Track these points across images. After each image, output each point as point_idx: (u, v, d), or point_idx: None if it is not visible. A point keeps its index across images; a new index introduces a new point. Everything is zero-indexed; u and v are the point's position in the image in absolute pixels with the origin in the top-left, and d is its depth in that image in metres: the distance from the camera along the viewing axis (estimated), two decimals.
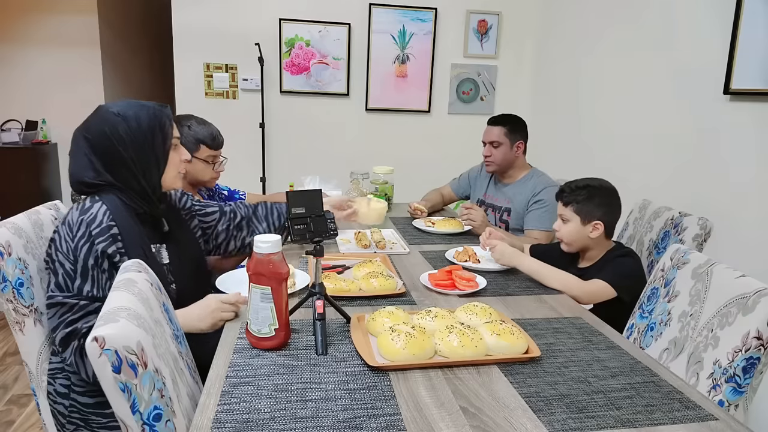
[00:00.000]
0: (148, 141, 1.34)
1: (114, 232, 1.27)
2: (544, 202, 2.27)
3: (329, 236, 1.31)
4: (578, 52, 3.25)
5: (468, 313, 1.30)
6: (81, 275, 1.23)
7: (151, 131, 1.34)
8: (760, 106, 1.99)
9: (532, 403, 1.01)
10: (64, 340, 1.21)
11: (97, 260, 1.24)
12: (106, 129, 1.30)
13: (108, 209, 1.28)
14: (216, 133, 1.97)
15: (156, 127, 1.35)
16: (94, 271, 1.24)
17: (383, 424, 0.93)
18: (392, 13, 3.67)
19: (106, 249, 1.25)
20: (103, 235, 1.25)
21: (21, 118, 3.88)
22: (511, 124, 2.37)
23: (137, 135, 1.32)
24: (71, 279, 1.22)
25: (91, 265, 1.23)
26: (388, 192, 2.66)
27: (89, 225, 1.25)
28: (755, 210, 1.99)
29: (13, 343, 2.79)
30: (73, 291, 1.22)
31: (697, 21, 2.31)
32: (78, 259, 1.23)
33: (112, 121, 1.31)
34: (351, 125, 3.81)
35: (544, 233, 2.24)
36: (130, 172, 1.33)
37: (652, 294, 1.56)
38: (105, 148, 1.31)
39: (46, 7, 3.82)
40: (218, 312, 1.31)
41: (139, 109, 1.34)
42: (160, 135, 1.36)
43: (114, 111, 1.32)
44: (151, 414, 0.89)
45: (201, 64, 3.57)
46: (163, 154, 1.38)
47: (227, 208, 1.70)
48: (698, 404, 1.03)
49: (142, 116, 1.34)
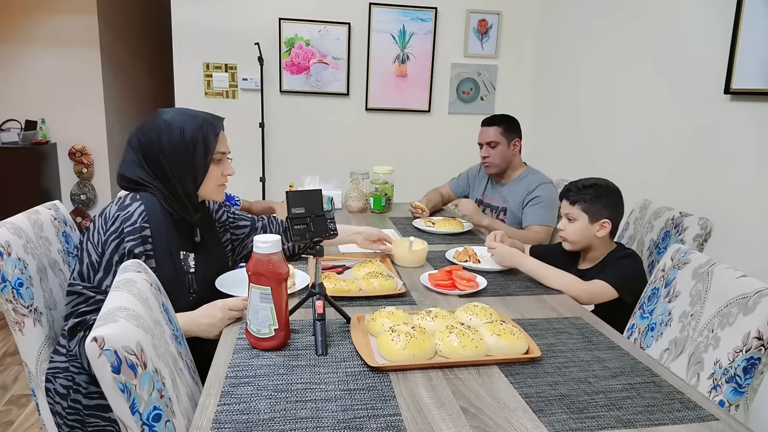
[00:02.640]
0: (188, 152, 1.35)
1: (146, 233, 1.29)
2: (541, 197, 2.28)
3: (329, 236, 1.31)
4: (578, 52, 3.25)
5: (468, 314, 1.30)
6: (104, 269, 1.25)
7: (193, 143, 1.36)
8: (760, 106, 1.99)
9: (532, 404, 1.01)
10: (72, 328, 1.24)
11: (123, 258, 1.26)
12: (153, 135, 1.34)
13: (145, 210, 1.30)
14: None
15: (199, 139, 1.36)
16: (118, 268, 1.25)
17: (383, 424, 0.93)
18: (392, 12, 3.67)
19: (134, 248, 1.27)
20: (134, 234, 1.27)
21: (20, 118, 3.88)
22: (506, 123, 2.38)
23: (178, 145, 1.35)
24: (94, 270, 1.25)
25: (116, 261, 1.25)
26: (388, 192, 2.66)
27: (123, 222, 1.27)
28: (756, 210, 1.99)
29: (12, 343, 2.79)
30: (93, 283, 1.25)
31: (697, 21, 2.31)
32: (105, 253, 1.25)
33: (160, 127, 1.35)
34: (351, 125, 3.81)
35: (543, 227, 2.25)
36: (167, 178, 1.36)
37: (652, 294, 1.55)
38: (149, 152, 1.35)
39: (46, 7, 3.82)
40: (225, 320, 1.31)
41: (188, 119, 1.36)
42: (201, 147, 1.37)
43: (165, 118, 1.36)
44: (150, 414, 0.89)
45: (200, 64, 3.57)
46: (203, 166, 1.38)
47: (259, 224, 1.71)
48: (699, 404, 1.03)
49: (187, 127, 1.35)
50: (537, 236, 2.22)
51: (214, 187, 1.43)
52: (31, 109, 3.90)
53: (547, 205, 2.27)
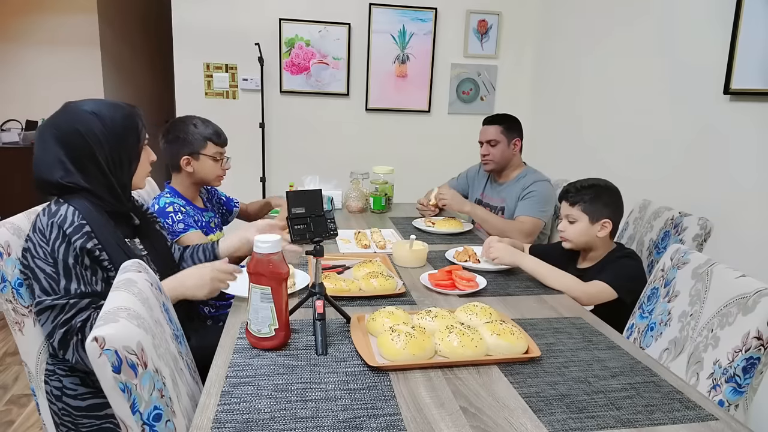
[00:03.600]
0: (122, 140, 1.34)
1: (87, 229, 1.24)
2: (534, 192, 2.29)
3: (329, 236, 1.31)
4: (578, 52, 3.25)
5: (468, 313, 1.30)
6: (64, 275, 1.20)
7: (125, 131, 1.35)
8: (760, 106, 1.99)
9: (532, 403, 1.01)
10: (62, 341, 1.19)
11: (77, 258, 1.21)
12: (79, 127, 1.28)
13: (76, 209, 1.26)
14: (220, 131, 1.99)
15: (130, 127, 1.36)
16: (76, 269, 1.21)
17: (383, 424, 0.93)
18: (392, 13, 3.67)
19: (84, 245, 1.22)
20: (78, 233, 1.23)
21: (21, 118, 3.88)
22: (507, 122, 2.39)
23: (112, 134, 1.32)
24: (55, 281, 1.20)
25: (71, 263, 1.21)
26: (388, 192, 2.66)
27: (61, 226, 1.22)
28: (755, 210, 1.99)
29: (12, 343, 2.79)
30: (60, 292, 1.19)
31: (697, 21, 2.31)
32: (57, 261, 1.20)
33: (86, 119, 1.29)
34: (351, 125, 3.81)
35: (530, 218, 2.24)
36: (100, 171, 1.31)
37: (652, 294, 1.55)
38: (77, 146, 1.28)
39: (47, 6, 3.82)
40: (216, 281, 1.33)
41: (114, 109, 1.35)
42: (134, 135, 1.37)
43: (88, 109, 1.31)
44: (151, 414, 0.89)
45: (201, 64, 3.57)
46: (136, 154, 1.40)
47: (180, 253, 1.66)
48: (698, 404, 1.03)
49: (117, 116, 1.34)
50: (521, 226, 2.22)
51: (144, 174, 1.45)
52: (31, 109, 3.90)
53: (538, 199, 2.27)
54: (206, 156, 1.93)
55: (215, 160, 1.95)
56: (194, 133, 1.91)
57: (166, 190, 1.96)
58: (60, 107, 1.33)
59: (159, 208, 1.84)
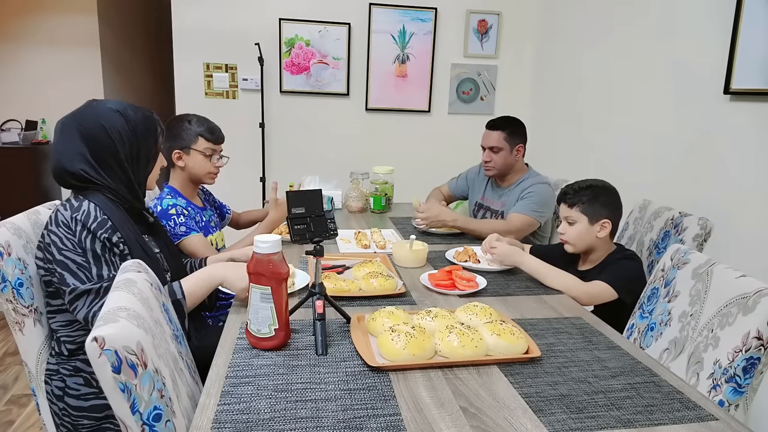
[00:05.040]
0: (142, 140, 1.40)
1: (110, 224, 1.29)
2: (531, 192, 2.26)
3: (329, 236, 1.31)
4: (578, 52, 3.25)
5: (468, 313, 1.30)
6: (95, 263, 1.24)
7: (146, 131, 1.41)
8: (760, 106, 1.99)
9: (532, 404, 1.01)
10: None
11: (104, 246, 1.26)
12: (104, 122, 1.33)
13: (97, 205, 1.29)
14: (215, 128, 1.99)
15: (151, 128, 1.42)
16: (105, 256, 1.26)
17: (383, 424, 0.93)
18: (392, 12, 3.67)
19: (110, 237, 1.27)
20: (103, 227, 1.27)
21: (21, 118, 3.88)
22: (510, 127, 2.34)
23: (134, 132, 1.38)
24: (87, 269, 1.24)
25: (99, 251, 1.25)
26: (388, 192, 2.66)
27: (85, 222, 1.25)
28: (755, 210, 1.99)
29: (13, 343, 2.79)
30: (93, 278, 1.24)
31: (697, 21, 2.31)
32: (86, 250, 1.24)
33: (111, 116, 1.34)
34: (351, 125, 3.81)
35: (521, 216, 2.21)
36: (120, 167, 1.36)
37: (652, 294, 1.55)
38: (100, 141, 1.33)
39: (46, 6, 3.82)
40: None
41: (136, 110, 1.41)
42: (153, 136, 1.43)
43: (112, 107, 1.36)
44: (150, 414, 0.89)
45: (201, 64, 3.57)
46: (154, 154, 1.46)
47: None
48: (698, 404, 1.03)
49: (138, 116, 1.40)
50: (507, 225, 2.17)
51: (155, 176, 1.50)
52: (31, 109, 3.90)
53: (534, 199, 2.24)
54: (196, 151, 1.93)
55: (206, 156, 1.95)
56: (187, 129, 1.93)
57: (166, 190, 1.96)
58: (83, 104, 1.38)
59: (161, 209, 1.84)
